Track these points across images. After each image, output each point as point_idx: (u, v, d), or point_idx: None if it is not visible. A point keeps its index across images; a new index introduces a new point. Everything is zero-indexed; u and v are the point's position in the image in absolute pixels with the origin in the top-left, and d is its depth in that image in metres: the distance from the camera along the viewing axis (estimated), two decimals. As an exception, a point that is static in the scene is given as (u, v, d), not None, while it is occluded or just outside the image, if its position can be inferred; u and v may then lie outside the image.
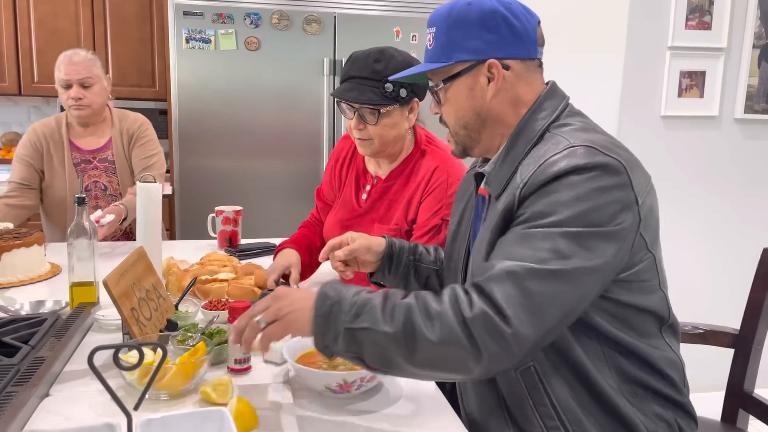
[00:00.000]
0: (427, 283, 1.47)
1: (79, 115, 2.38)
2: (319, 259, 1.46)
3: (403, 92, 1.63)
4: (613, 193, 1.01)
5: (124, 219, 2.23)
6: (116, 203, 2.29)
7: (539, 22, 1.16)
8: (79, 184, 2.33)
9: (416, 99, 1.70)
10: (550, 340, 1.03)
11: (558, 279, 0.98)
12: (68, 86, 2.33)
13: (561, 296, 0.98)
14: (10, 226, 2.04)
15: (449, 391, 1.34)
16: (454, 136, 1.21)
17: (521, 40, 1.13)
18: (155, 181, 1.78)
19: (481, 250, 1.12)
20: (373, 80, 1.60)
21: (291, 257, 1.77)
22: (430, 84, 1.21)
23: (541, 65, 1.18)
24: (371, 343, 0.99)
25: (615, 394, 1.10)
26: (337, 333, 0.99)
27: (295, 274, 1.73)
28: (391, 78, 1.29)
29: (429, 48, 1.18)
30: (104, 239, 2.16)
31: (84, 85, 2.33)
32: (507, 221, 1.08)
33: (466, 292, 1.00)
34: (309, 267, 1.83)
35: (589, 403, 1.10)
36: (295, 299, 1.05)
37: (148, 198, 1.65)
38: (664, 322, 1.16)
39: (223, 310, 1.43)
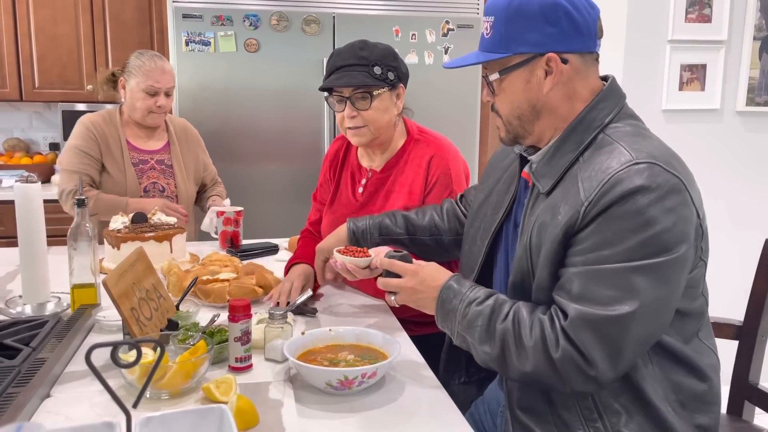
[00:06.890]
0: (422, 246, 1.59)
1: (157, 122, 2.43)
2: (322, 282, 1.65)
3: (391, 75, 1.65)
4: (678, 212, 1.01)
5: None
6: (213, 197, 2.50)
7: (599, 13, 1.15)
8: (137, 185, 2.37)
9: (402, 85, 1.71)
10: (630, 366, 1.07)
11: (634, 319, 1.01)
12: (155, 93, 2.34)
13: (638, 333, 1.03)
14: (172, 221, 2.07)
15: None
16: (507, 125, 1.20)
17: (581, 33, 1.11)
18: (36, 181, 1.53)
19: (538, 258, 1.11)
20: (361, 65, 1.62)
21: (308, 270, 1.70)
22: (484, 73, 1.19)
23: (597, 58, 1.16)
24: (476, 352, 1.15)
25: (661, 403, 1.09)
26: (453, 331, 1.19)
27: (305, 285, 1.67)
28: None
29: (486, 37, 1.16)
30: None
31: (168, 94, 2.38)
32: (568, 236, 1.07)
33: (552, 325, 1.06)
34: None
35: (634, 409, 1.09)
36: (422, 294, 1.23)
37: (26, 200, 1.47)
38: (701, 324, 1.16)
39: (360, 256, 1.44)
